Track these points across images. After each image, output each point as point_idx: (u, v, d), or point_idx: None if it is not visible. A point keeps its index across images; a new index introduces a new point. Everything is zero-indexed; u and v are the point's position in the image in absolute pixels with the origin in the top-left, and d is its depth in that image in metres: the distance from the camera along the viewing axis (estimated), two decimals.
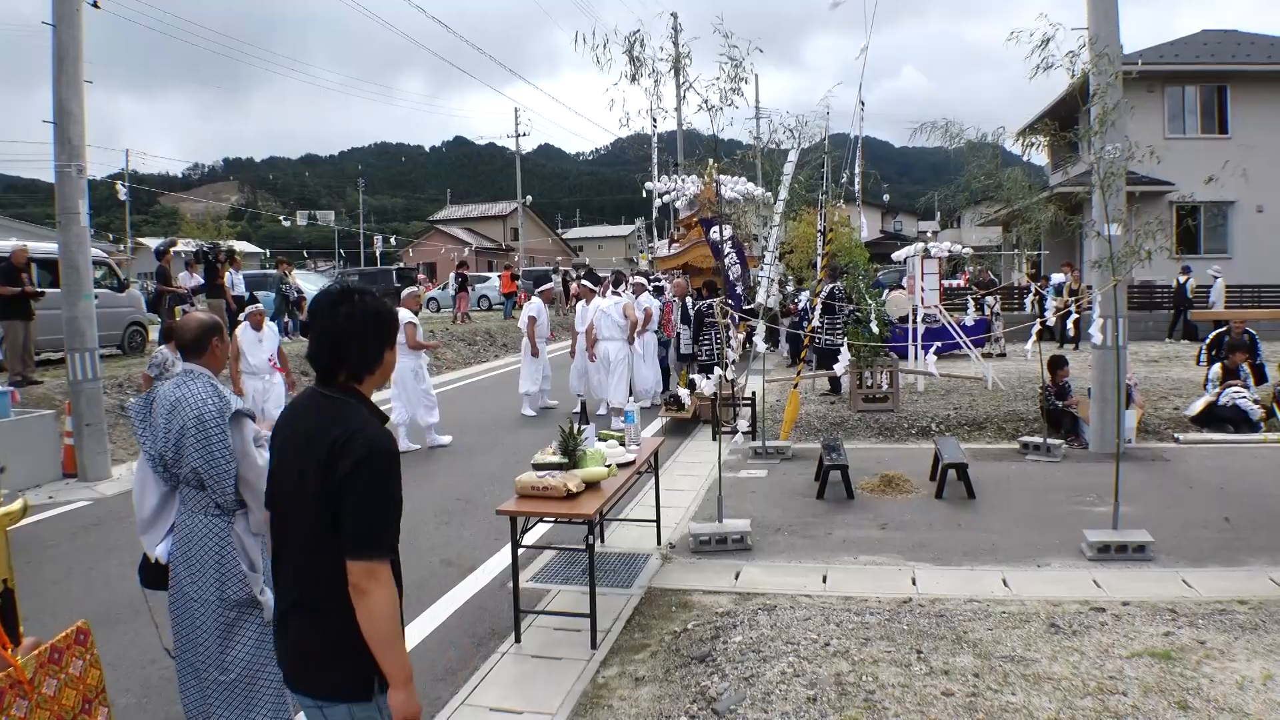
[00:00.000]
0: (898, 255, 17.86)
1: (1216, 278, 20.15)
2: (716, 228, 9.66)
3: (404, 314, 10.00)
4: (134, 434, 3.67)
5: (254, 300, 12.04)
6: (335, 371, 2.38)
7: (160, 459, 3.60)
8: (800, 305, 17.47)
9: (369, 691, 2.30)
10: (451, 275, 29.62)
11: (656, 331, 13.35)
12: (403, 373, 10.02)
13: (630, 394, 11.58)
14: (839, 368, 9.34)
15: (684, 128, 29.19)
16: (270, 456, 2.48)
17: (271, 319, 19.09)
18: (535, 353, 12.50)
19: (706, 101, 6.64)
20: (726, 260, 9.84)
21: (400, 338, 9.10)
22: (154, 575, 3.80)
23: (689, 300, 13.03)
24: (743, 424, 9.48)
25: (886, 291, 17.55)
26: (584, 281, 15.65)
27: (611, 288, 14.62)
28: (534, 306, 12.71)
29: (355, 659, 2.27)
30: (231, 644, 3.53)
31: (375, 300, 2.43)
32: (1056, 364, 10.03)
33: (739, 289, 9.98)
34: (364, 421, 2.30)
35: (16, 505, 3.11)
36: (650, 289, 14.53)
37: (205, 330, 3.67)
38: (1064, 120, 7.39)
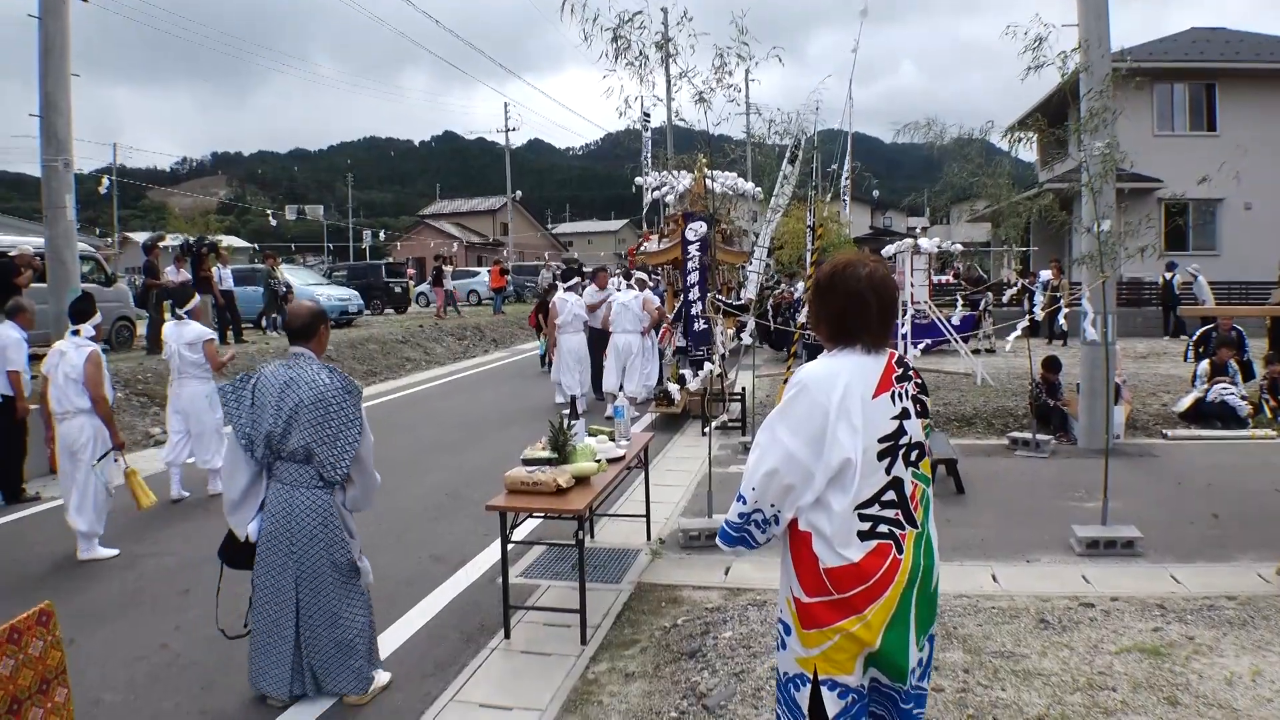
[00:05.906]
0: (887, 251, 17.89)
1: (1196, 275, 19.96)
2: (693, 227, 9.65)
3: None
4: (227, 416, 3.90)
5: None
6: None
7: (262, 439, 3.85)
8: (796, 296, 17.51)
9: None
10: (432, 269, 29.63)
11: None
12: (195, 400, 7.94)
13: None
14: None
15: (675, 122, 29.14)
16: None
17: (260, 314, 19.15)
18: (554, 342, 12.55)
19: (702, 95, 6.60)
20: (688, 265, 9.85)
21: (197, 357, 7.84)
22: (240, 554, 4.08)
23: None
24: (724, 417, 9.47)
25: None
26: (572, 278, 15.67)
27: (626, 282, 14.63)
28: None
29: None
30: (345, 605, 3.95)
31: None
32: (1050, 365, 9.99)
33: (695, 309, 10.01)
34: None
35: None
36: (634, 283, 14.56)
37: (315, 316, 4.07)
38: (1053, 116, 7.40)
